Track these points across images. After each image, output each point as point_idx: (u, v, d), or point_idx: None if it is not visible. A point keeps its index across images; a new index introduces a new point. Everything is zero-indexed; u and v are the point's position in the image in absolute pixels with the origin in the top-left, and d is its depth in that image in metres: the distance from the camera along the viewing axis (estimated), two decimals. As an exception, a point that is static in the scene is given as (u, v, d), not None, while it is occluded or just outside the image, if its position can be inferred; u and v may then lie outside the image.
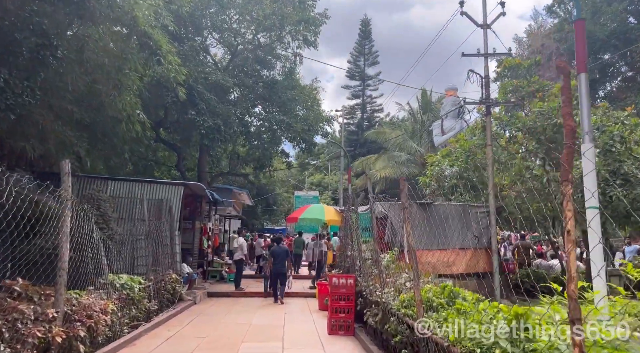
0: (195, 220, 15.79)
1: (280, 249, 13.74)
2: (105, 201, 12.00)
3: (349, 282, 8.94)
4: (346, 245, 11.12)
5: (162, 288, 11.16)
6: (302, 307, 12.99)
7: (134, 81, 12.08)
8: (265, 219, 47.60)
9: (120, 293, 8.60)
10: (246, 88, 19.18)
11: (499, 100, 12.71)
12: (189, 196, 15.69)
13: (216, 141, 16.20)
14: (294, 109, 19.13)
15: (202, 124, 15.50)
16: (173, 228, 13.04)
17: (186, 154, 21.41)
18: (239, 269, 15.77)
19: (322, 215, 15.28)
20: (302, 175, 56.60)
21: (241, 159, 22.26)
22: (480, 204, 12.75)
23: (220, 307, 12.86)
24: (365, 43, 50.95)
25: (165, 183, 13.50)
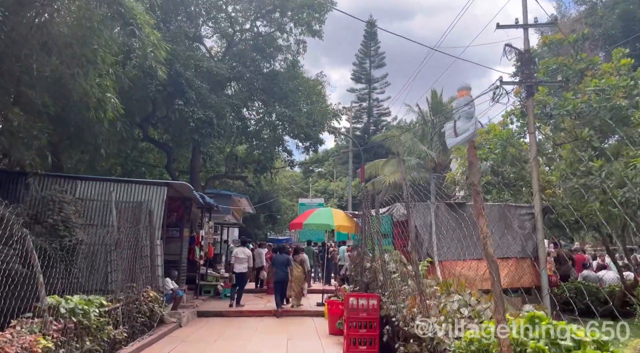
0: (184, 228, 13.67)
1: (282, 257, 13.01)
2: (69, 203, 9.93)
3: (372, 303, 6.77)
4: (362, 255, 8.96)
5: (136, 309, 9.01)
6: (308, 329, 10.81)
7: (105, 59, 10.04)
8: (268, 228, 45.43)
9: (67, 322, 6.46)
10: (243, 81, 17.16)
11: (543, 79, 10.59)
12: (176, 200, 13.59)
13: (208, 136, 14.11)
14: (297, 101, 17.05)
15: (191, 115, 13.44)
16: (153, 236, 10.92)
17: (178, 156, 19.36)
18: (242, 284, 13.79)
19: (330, 220, 13.13)
20: (306, 183, 54.53)
21: (240, 161, 20.16)
22: (523, 204, 10.57)
23: (210, 330, 10.69)
24: (370, 44, 49.10)
25: (144, 183, 11.41)
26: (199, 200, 12.82)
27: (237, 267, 13.44)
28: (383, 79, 49.11)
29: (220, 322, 11.83)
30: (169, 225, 13.59)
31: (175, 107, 13.56)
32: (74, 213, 9.90)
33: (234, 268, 13.50)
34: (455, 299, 4.94)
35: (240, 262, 13.55)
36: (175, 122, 16.64)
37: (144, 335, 9.10)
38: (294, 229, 13.99)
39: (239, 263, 13.46)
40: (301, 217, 14.52)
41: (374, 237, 7.93)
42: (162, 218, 11.45)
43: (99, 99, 10.23)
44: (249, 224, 35.79)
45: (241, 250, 14.06)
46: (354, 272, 9.04)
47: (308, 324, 11.47)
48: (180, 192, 12.88)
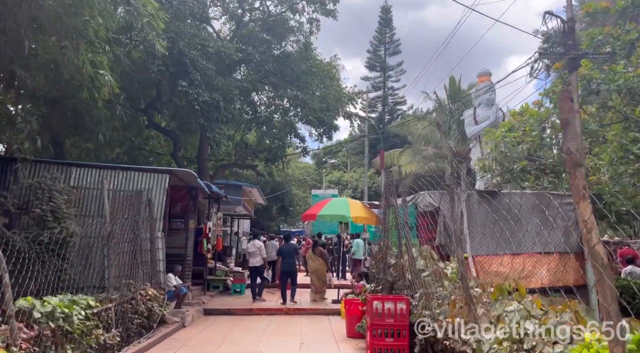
0: (189, 219, 12.72)
1: (289, 247, 12.80)
2: (60, 192, 9.02)
3: (400, 308, 5.71)
4: (385, 250, 7.89)
5: (131, 309, 8.08)
6: (323, 330, 9.81)
7: (98, 32, 9.05)
8: (280, 220, 44.55)
9: (43, 328, 5.51)
10: (253, 63, 16.07)
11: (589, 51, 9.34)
12: (181, 189, 12.65)
13: (215, 121, 13.10)
14: (310, 84, 15.91)
15: (196, 98, 12.43)
16: (154, 228, 9.98)
17: (185, 143, 18.40)
18: (256, 277, 13.26)
19: (346, 210, 12.06)
20: (319, 174, 53.47)
21: (250, 149, 19.15)
22: (566, 193, 9.38)
23: (216, 331, 9.75)
24: (385, 31, 47.61)
25: (144, 171, 10.45)
26: (205, 190, 11.83)
27: (251, 261, 13.02)
28: (398, 66, 47.68)
29: (228, 321, 10.88)
30: (172, 216, 12.70)
31: (178, 88, 12.55)
32: (66, 203, 8.99)
33: (249, 263, 12.97)
34: (515, 308, 3.85)
35: (252, 256, 13.08)
36: (182, 108, 15.67)
37: (141, 338, 8.18)
38: (307, 220, 12.95)
39: (251, 257, 13.04)
40: (315, 207, 13.49)
41: (400, 230, 6.84)
42: (164, 209, 10.50)
43: (91, 76, 9.25)
44: (260, 216, 34.87)
45: (252, 244, 13.48)
46: (375, 269, 7.99)
47: (323, 324, 10.47)
48: (184, 181, 11.92)
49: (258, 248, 13.20)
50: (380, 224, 9.52)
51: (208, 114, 12.85)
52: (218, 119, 13.14)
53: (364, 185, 28.57)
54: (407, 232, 6.73)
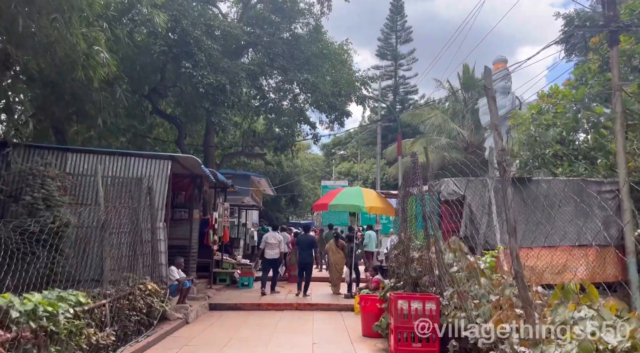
0: (194, 209, 12.04)
1: (307, 238, 12.48)
2: (53, 179, 8.36)
3: (429, 308, 4.96)
4: (408, 242, 7.13)
5: (129, 306, 7.41)
6: (337, 328, 9.10)
7: (92, 4, 8.33)
8: (289, 212, 43.88)
9: (21, 329, 4.85)
10: (261, 46, 15.26)
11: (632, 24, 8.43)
12: (185, 177, 11.97)
13: (220, 105, 12.37)
14: (321, 67, 15.08)
15: (201, 80, 11.70)
16: (155, 218, 9.31)
17: (191, 131, 17.72)
18: (275, 270, 12.94)
19: (360, 200, 11.30)
20: (328, 166, 52.66)
21: (258, 137, 18.39)
22: (605, 179, 8.53)
23: (222, 328, 9.09)
24: (397, 18, 46.43)
25: (145, 157, 9.77)
26: (210, 178, 11.13)
27: (268, 252, 12.57)
28: (410, 54, 46.54)
29: (235, 317, 10.22)
30: (176, 205, 12.03)
31: (182, 70, 11.82)
32: (60, 190, 8.34)
33: (265, 254, 12.58)
34: (586, 314, 3.09)
35: (271, 248, 12.63)
36: (187, 94, 14.96)
37: (140, 336, 7.52)
38: (318, 211, 12.20)
39: (269, 249, 12.59)
40: (326, 197, 12.74)
41: (427, 219, 6.07)
42: (166, 198, 9.82)
43: (86, 53, 8.55)
44: (269, 207, 34.23)
45: (272, 235, 12.92)
46: (395, 263, 7.24)
47: (336, 321, 9.77)
48: (188, 168, 11.22)
49: (278, 241, 12.78)
50: (398, 214, 8.75)
51: (213, 97, 12.12)
52: (224, 103, 12.41)
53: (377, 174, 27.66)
54: (433, 221, 5.96)
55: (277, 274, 13.06)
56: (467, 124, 34.99)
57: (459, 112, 37.65)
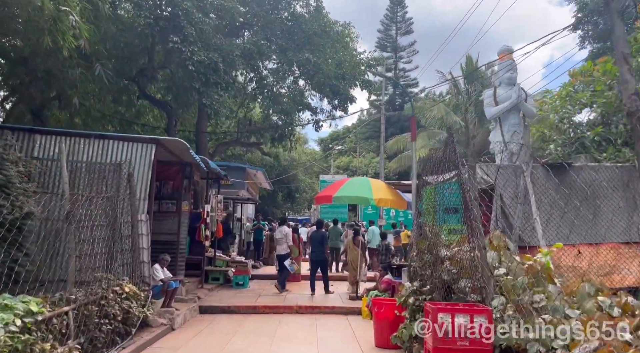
0: (182, 200, 10.84)
1: (318, 234, 11.88)
2: (14, 163, 7.13)
3: (479, 323, 3.76)
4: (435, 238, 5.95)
5: (98, 313, 6.21)
6: (344, 336, 7.95)
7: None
8: (286, 207, 42.73)
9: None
10: (259, 25, 14.00)
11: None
12: (173, 165, 10.75)
13: (212, 85, 11.15)
14: (324, 46, 13.83)
15: (190, 57, 10.48)
16: (135, 209, 8.10)
17: (183, 119, 16.47)
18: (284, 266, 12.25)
19: (368, 191, 10.13)
20: (326, 161, 51.47)
21: (254, 126, 17.13)
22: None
23: (212, 335, 7.91)
24: (397, 9, 45.24)
25: (124, 139, 8.55)
26: (201, 166, 9.93)
27: (277, 248, 12.32)
28: (410, 46, 45.35)
29: (228, 322, 9.05)
30: (162, 196, 10.83)
31: (169, 46, 10.59)
32: (22, 176, 7.12)
33: (276, 250, 12.37)
34: None
35: (279, 243, 12.27)
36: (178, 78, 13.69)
37: (113, 348, 6.33)
38: (321, 203, 11.02)
39: (278, 244, 12.29)
40: (330, 188, 11.55)
41: (469, 209, 4.89)
42: (150, 187, 8.62)
43: (54, 17, 7.31)
44: (265, 202, 33.07)
45: (279, 230, 12.44)
46: (419, 263, 6.07)
47: (342, 328, 8.61)
48: (176, 155, 10.01)
49: (285, 235, 12.19)
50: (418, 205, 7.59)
51: (204, 76, 10.89)
52: (217, 83, 11.18)
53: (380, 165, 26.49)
54: (475, 213, 4.79)
55: (285, 271, 12.27)
56: (470, 117, 33.92)
57: (462, 105, 36.55)
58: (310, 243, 12.22)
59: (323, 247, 11.60)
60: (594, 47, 20.35)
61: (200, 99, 10.98)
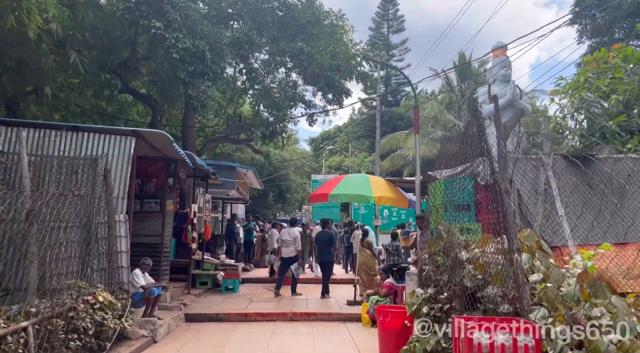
0: (167, 199, 10.04)
1: (325, 234, 11.54)
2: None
3: (524, 343, 3.04)
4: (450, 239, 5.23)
5: (64, 327, 5.41)
6: (344, 346, 7.23)
7: None
8: (277, 208, 41.91)
9: None
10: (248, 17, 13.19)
11: None
12: (155, 161, 9.94)
13: (199, 76, 10.35)
14: (318, 36, 13.05)
15: (174, 44, 9.68)
16: (113, 209, 7.31)
17: (169, 115, 15.62)
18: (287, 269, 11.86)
19: (367, 189, 9.42)
20: (317, 161, 50.70)
21: (244, 122, 16.33)
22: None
23: (199, 349, 7.13)
24: (388, 7, 44.67)
25: (100, 132, 7.75)
26: (186, 161, 9.14)
27: (285, 250, 11.73)
28: (402, 44, 44.81)
29: (216, 331, 8.27)
30: (145, 195, 10.02)
31: (151, 32, 9.79)
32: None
33: (282, 252, 11.78)
34: None
35: (286, 245, 11.69)
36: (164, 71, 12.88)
37: (83, 367, 5.53)
38: (317, 202, 10.30)
39: (285, 246, 11.72)
40: (326, 185, 10.81)
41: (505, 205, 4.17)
42: (129, 184, 7.82)
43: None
44: (256, 203, 32.27)
45: (287, 232, 11.86)
46: (432, 266, 5.35)
47: (342, 337, 7.87)
48: (159, 150, 9.20)
49: (294, 238, 11.62)
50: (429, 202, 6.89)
51: (190, 66, 10.10)
52: (204, 73, 10.39)
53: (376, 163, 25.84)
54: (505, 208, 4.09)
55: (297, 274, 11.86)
56: (464, 115, 33.45)
57: (455, 103, 36.09)
58: (316, 243, 11.84)
59: (330, 247, 11.15)
60: (592, 41, 19.90)
61: (186, 91, 10.18)
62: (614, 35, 19.19)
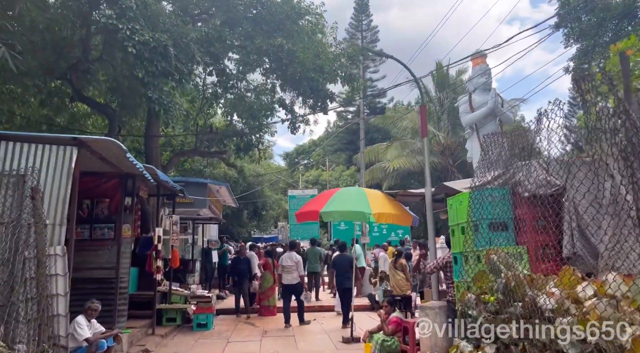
0: (123, 223, 8.28)
1: (344, 258, 10.67)
2: None
3: None
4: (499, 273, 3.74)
5: None
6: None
7: None
8: (252, 226, 40.04)
9: None
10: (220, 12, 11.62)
11: None
12: (109, 178, 8.21)
13: (161, 74, 8.69)
14: (299, 33, 11.52)
15: (130, 36, 8.02)
16: (43, 239, 5.57)
17: (130, 126, 13.81)
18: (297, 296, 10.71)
19: (364, 205, 7.91)
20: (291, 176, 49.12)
21: (216, 133, 14.63)
22: None
23: None
24: (362, 17, 43.95)
25: (29, 140, 6.03)
26: (146, 176, 7.45)
27: (286, 277, 10.76)
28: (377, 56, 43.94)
29: (185, 389, 6.55)
30: (96, 219, 8.26)
31: (101, 22, 8.13)
32: None
33: (282, 279, 10.86)
34: None
35: (288, 271, 10.68)
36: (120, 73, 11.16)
37: None
38: (305, 220, 8.70)
39: (286, 272, 10.73)
40: (314, 202, 9.25)
41: None
42: (70, 206, 6.10)
43: None
44: (230, 221, 30.42)
45: (288, 256, 10.84)
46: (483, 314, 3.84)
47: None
48: (113, 164, 7.49)
49: (296, 263, 10.68)
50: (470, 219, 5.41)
51: (150, 63, 8.46)
52: (167, 72, 8.77)
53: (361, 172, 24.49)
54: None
55: (302, 302, 10.77)
56: (443, 126, 32.63)
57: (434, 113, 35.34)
58: (334, 268, 10.99)
59: (349, 273, 10.09)
60: (582, 44, 19.18)
61: (146, 93, 8.54)
62: (602, 38, 18.50)
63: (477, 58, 28.07)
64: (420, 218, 9.23)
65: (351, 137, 44.96)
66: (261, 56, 11.28)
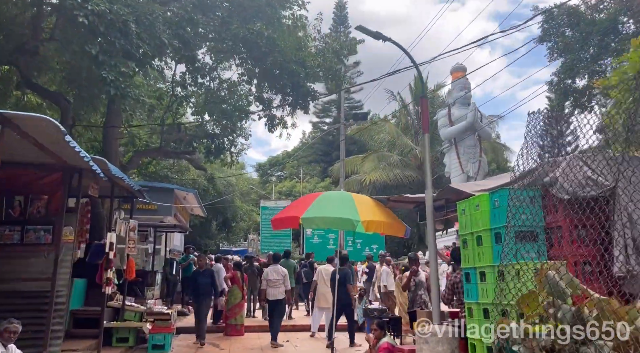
0: (64, 226, 6.91)
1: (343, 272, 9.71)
2: None
3: None
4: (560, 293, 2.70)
5: None
6: None
7: None
8: (221, 238, 38.43)
9: None
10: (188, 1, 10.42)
11: None
12: (49, 171, 6.86)
13: (118, 53, 7.41)
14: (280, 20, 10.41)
15: (82, 4, 6.77)
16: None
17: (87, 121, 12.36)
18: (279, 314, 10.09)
19: (352, 211, 6.83)
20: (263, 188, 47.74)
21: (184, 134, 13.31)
22: None
23: None
24: (340, 29, 43.52)
25: None
26: (94, 168, 6.17)
27: (271, 292, 10.00)
28: (355, 67, 43.53)
29: None
30: (29, 220, 6.88)
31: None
32: None
33: (268, 294, 10.03)
34: None
35: (273, 286, 9.94)
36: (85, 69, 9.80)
37: None
38: (283, 228, 7.52)
39: (272, 287, 9.98)
40: (293, 207, 8.08)
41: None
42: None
43: None
44: (197, 232, 28.86)
45: (273, 269, 10.11)
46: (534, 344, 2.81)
47: None
48: (54, 153, 6.17)
49: (283, 276, 10.02)
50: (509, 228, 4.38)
51: (105, 38, 7.21)
52: (126, 51, 7.53)
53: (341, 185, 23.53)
54: None
55: (279, 319, 10.08)
56: (420, 139, 32.16)
57: (411, 127, 34.91)
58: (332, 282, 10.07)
59: (345, 287, 9.43)
60: (567, 58, 18.82)
61: (100, 74, 7.27)
62: (588, 52, 18.19)
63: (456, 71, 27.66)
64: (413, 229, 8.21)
65: (326, 148, 44.11)
66: (237, 43, 10.12)
